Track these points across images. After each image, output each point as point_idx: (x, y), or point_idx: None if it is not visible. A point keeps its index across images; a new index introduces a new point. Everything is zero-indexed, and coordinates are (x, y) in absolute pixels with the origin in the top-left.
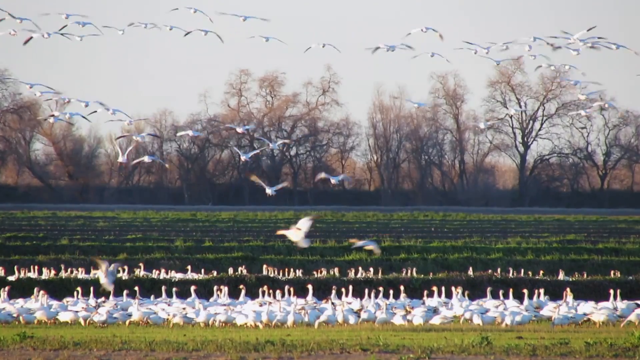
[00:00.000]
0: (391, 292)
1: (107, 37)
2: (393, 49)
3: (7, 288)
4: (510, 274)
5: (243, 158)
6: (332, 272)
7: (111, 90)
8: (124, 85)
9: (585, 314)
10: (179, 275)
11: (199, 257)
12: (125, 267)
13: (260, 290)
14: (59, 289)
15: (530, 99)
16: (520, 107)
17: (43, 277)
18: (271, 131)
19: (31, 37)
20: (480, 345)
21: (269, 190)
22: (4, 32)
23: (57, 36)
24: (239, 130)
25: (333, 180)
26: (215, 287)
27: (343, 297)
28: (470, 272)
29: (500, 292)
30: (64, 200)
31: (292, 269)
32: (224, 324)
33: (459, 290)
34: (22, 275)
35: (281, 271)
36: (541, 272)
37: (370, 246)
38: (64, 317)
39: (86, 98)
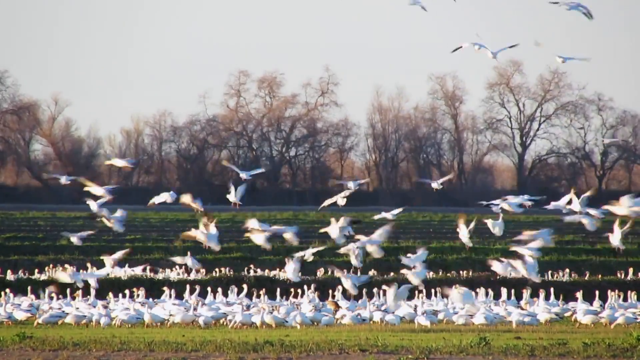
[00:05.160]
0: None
1: (106, 37)
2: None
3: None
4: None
5: (243, 176)
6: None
7: (111, 90)
8: (123, 85)
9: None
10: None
11: (198, 257)
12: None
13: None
14: (58, 290)
15: (529, 99)
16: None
17: (44, 276)
18: (270, 132)
19: None
20: (478, 346)
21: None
22: None
23: (57, 36)
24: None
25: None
26: (230, 287)
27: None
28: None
29: (481, 291)
30: (63, 200)
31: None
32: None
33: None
34: (21, 275)
35: (282, 271)
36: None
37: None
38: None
39: (86, 98)
